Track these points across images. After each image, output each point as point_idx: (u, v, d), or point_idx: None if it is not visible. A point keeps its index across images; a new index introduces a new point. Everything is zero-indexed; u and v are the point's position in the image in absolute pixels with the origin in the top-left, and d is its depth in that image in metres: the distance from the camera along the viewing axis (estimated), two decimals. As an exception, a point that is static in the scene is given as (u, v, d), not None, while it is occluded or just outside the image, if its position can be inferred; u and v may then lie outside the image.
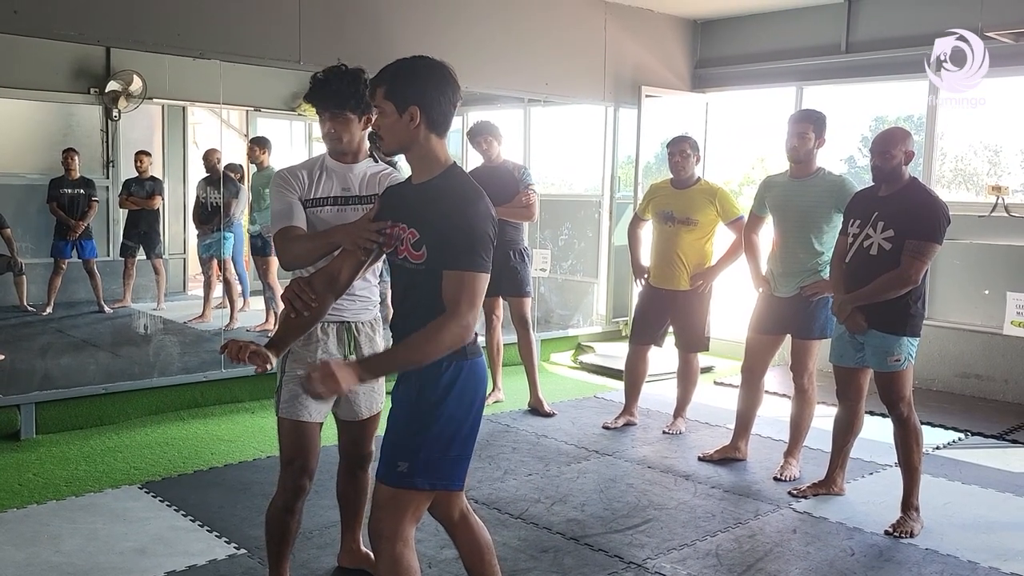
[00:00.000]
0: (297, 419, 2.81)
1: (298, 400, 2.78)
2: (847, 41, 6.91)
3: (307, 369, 2.23)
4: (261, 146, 7.12)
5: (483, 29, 6.46)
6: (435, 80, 2.32)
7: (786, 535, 3.79)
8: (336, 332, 2.85)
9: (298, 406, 2.80)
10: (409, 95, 2.27)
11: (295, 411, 2.81)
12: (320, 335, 2.81)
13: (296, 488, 2.89)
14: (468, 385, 2.33)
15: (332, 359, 2.62)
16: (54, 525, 3.68)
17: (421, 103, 2.27)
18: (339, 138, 2.88)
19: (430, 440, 2.30)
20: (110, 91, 7.09)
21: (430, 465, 2.31)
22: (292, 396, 2.79)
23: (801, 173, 4.37)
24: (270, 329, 7.01)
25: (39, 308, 6.96)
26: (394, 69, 2.31)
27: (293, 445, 2.85)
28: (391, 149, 2.37)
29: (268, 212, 7.08)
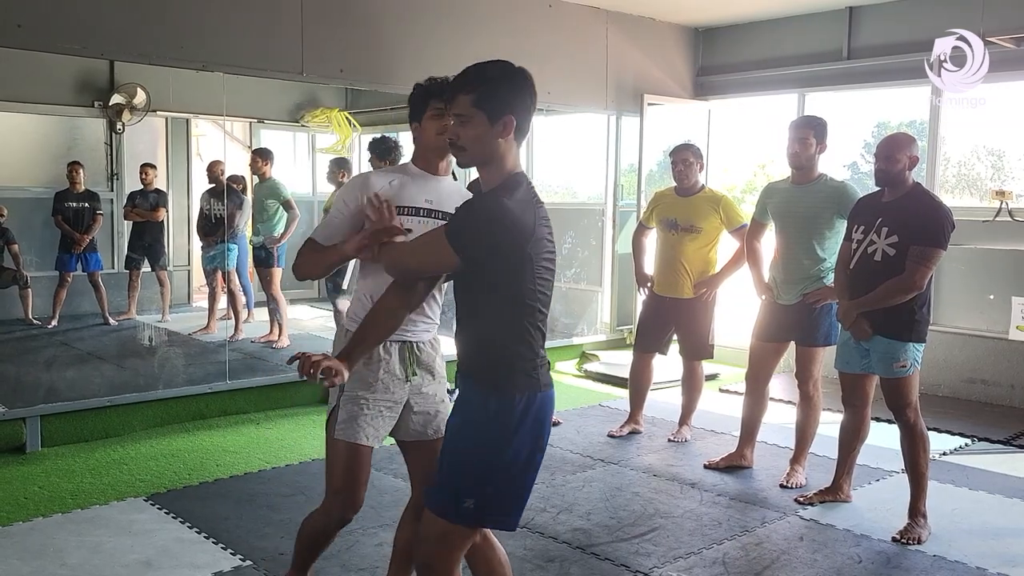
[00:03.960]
0: (355, 442, 2.61)
1: (357, 421, 2.60)
2: (848, 47, 6.92)
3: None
4: (263, 157, 7.15)
5: (485, 39, 6.48)
6: (526, 87, 2.19)
7: (793, 543, 3.77)
8: (399, 351, 2.65)
9: (356, 428, 2.61)
10: (504, 103, 2.13)
11: (353, 433, 2.61)
12: (383, 354, 2.62)
13: (341, 520, 2.76)
14: (540, 417, 2.22)
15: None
16: (60, 538, 3.68)
17: (516, 112, 2.14)
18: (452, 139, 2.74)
19: (499, 474, 2.19)
20: (114, 104, 7.12)
21: (496, 501, 2.20)
22: (351, 417, 2.60)
23: (803, 179, 4.37)
24: (274, 340, 7.02)
25: (44, 321, 6.98)
26: (483, 75, 2.15)
27: (346, 472, 2.65)
28: (472, 162, 2.21)
29: (271, 223, 7.13)
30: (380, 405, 2.63)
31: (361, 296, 2.66)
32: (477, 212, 2.14)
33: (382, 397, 2.63)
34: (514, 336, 2.19)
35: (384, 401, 2.63)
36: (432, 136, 2.62)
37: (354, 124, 8.31)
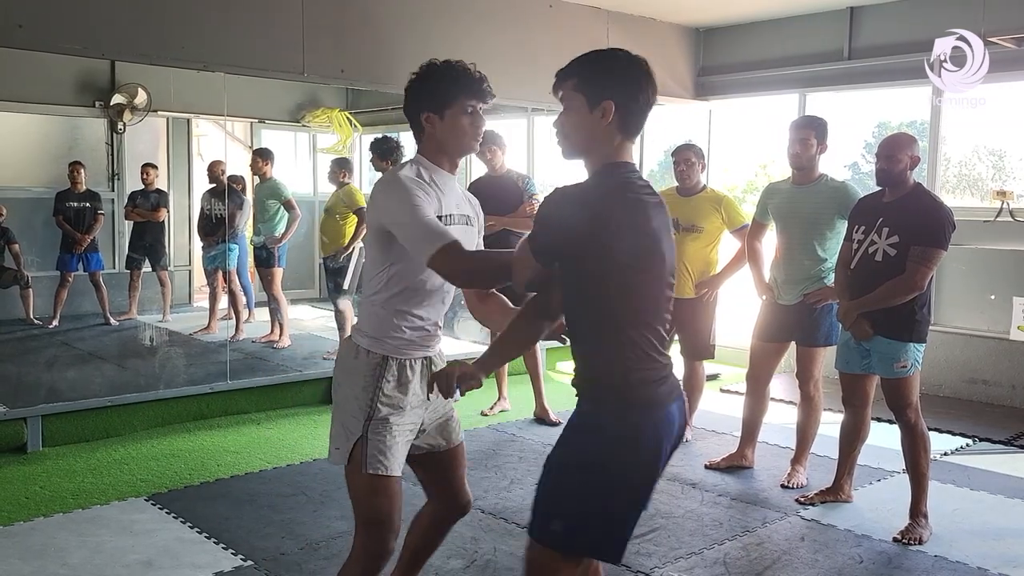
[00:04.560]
0: (388, 475, 2.37)
1: (390, 451, 2.36)
2: (849, 47, 6.91)
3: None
4: (264, 157, 7.15)
5: (485, 40, 6.48)
6: (632, 73, 2.06)
7: (794, 543, 3.77)
8: (421, 369, 2.46)
9: (390, 459, 2.36)
10: (603, 87, 2.02)
11: (387, 465, 2.36)
12: (409, 374, 2.42)
13: (384, 552, 2.44)
14: (636, 436, 2.03)
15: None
16: (61, 538, 3.68)
17: (617, 97, 2.03)
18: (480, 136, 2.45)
19: (591, 496, 2.04)
20: (115, 104, 7.12)
21: (588, 526, 2.05)
22: (383, 447, 2.35)
23: (804, 180, 4.37)
24: (275, 340, 7.02)
25: (45, 321, 6.98)
26: (586, 59, 2.06)
27: (382, 505, 2.39)
28: (574, 151, 2.09)
29: (271, 223, 7.13)
30: (406, 429, 2.42)
31: (379, 311, 2.41)
32: (544, 205, 2.03)
33: (409, 420, 2.43)
34: (611, 346, 2.02)
35: (410, 424, 2.44)
36: (462, 132, 2.38)
37: (355, 124, 8.30)
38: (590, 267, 1.99)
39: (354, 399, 2.38)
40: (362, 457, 2.35)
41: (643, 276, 2.02)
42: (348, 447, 2.37)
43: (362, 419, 2.36)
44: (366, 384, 2.37)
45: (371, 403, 2.36)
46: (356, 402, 2.38)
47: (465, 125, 2.38)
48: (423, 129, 2.40)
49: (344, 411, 2.41)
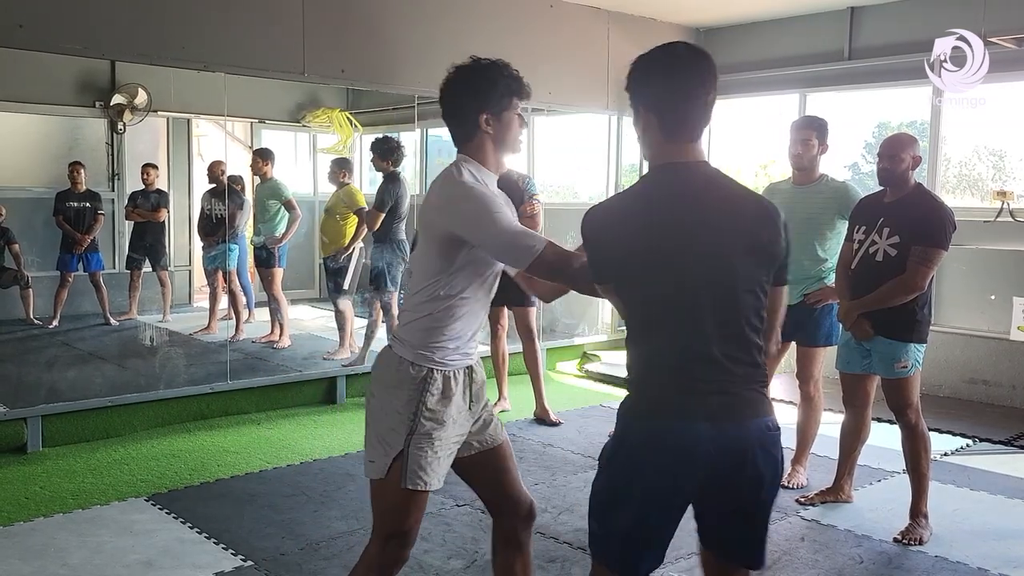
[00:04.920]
0: (425, 490, 2.31)
1: (431, 467, 2.29)
2: (850, 48, 6.91)
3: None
4: (264, 158, 7.15)
5: (486, 39, 6.47)
6: (655, 72, 1.97)
7: (794, 543, 3.77)
8: (464, 378, 2.37)
9: (430, 474, 2.30)
10: (634, 94, 2.01)
11: (426, 480, 2.30)
12: (453, 385, 2.34)
13: (400, 561, 2.42)
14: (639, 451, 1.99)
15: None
16: (61, 538, 3.68)
17: (647, 102, 1.99)
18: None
19: (594, 505, 2.09)
20: (115, 104, 7.12)
21: (597, 535, 2.08)
22: (425, 463, 2.28)
23: (805, 180, 4.37)
24: (276, 340, 7.02)
25: (45, 321, 6.98)
26: (631, 66, 2.02)
27: (409, 520, 2.35)
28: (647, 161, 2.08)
29: (272, 224, 7.12)
30: (451, 443, 2.35)
31: (427, 321, 2.31)
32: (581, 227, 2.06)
33: (454, 433, 2.35)
34: (636, 353, 2.02)
35: (455, 437, 2.36)
36: (515, 133, 2.37)
37: (355, 124, 8.30)
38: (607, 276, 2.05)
39: (395, 412, 2.30)
40: (402, 472, 2.28)
41: (648, 285, 1.97)
42: (387, 461, 2.30)
43: (404, 433, 2.28)
44: (409, 398, 2.29)
45: (414, 417, 2.28)
46: (397, 416, 2.30)
47: (516, 126, 2.38)
48: (477, 129, 2.32)
49: (382, 423, 2.33)
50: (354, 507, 4.07)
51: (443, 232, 2.27)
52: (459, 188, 2.27)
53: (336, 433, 5.32)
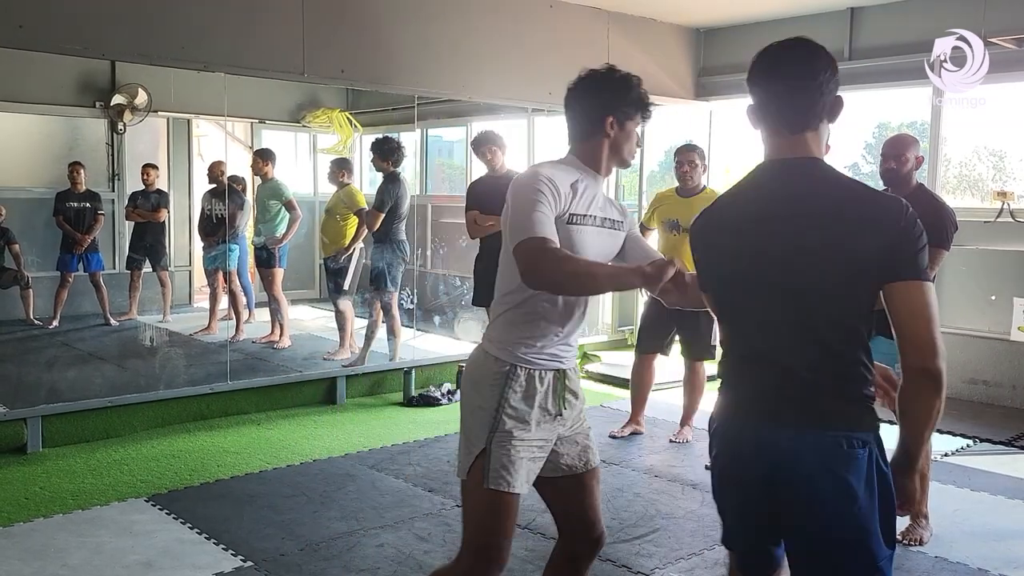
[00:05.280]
0: (509, 491, 2.21)
1: (514, 466, 2.20)
2: (850, 48, 6.91)
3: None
4: (265, 158, 7.14)
5: (486, 40, 6.48)
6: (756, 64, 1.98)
7: (794, 544, 3.76)
8: (552, 381, 2.28)
9: (513, 475, 2.21)
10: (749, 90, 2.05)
11: (509, 481, 2.20)
12: (538, 385, 2.25)
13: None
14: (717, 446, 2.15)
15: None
16: (61, 539, 3.68)
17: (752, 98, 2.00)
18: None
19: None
20: (115, 104, 7.12)
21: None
22: (507, 462, 2.20)
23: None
24: (276, 340, 7.02)
25: (45, 321, 6.98)
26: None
27: (497, 525, 2.24)
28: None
29: (273, 224, 7.12)
30: (533, 445, 2.25)
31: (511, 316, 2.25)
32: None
33: (536, 436, 2.25)
34: (723, 351, 2.06)
35: (538, 440, 2.26)
36: (632, 143, 2.36)
37: (355, 125, 8.31)
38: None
39: (479, 409, 2.24)
40: (484, 471, 2.20)
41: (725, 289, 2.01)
42: (469, 460, 2.24)
43: (486, 431, 2.22)
44: (491, 394, 2.23)
45: (496, 414, 2.21)
46: (481, 412, 2.24)
47: (634, 140, 2.37)
48: (598, 131, 2.30)
49: (467, 422, 2.28)
50: (354, 508, 4.07)
51: (505, 220, 2.24)
52: (523, 176, 2.25)
53: (336, 433, 5.31)
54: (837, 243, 1.78)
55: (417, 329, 7.04)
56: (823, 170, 1.88)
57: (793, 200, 1.85)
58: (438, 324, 7.68)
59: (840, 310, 1.82)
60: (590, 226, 2.27)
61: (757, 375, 1.91)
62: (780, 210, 1.86)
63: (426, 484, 4.42)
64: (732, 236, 1.92)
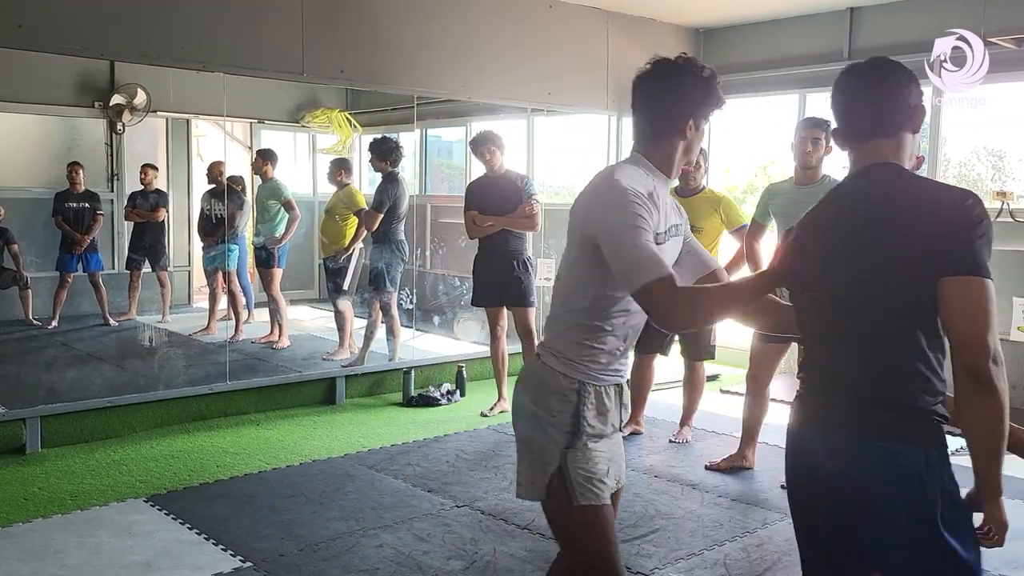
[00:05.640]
0: (600, 504, 2.15)
1: (597, 479, 2.14)
2: (849, 48, 6.90)
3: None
4: (266, 158, 7.14)
5: (485, 40, 6.48)
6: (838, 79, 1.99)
7: (794, 544, 3.74)
8: (615, 395, 2.22)
9: (602, 487, 2.15)
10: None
11: (598, 494, 2.14)
12: (607, 401, 2.19)
13: None
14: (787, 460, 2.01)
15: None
16: (59, 539, 3.67)
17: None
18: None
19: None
20: (114, 104, 7.12)
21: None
22: (589, 475, 2.13)
23: (808, 180, 4.37)
24: (275, 341, 7.02)
25: (45, 322, 6.97)
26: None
27: (600, 540, 2.16)
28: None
29: (273, 224, 7.12)
30: (607, 457, 2.20)
31: (577, 332, 2.16)
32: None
33: (606, 449, 2.20)
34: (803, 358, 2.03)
35: (609, 452, 2.21)
36: (698, 145, 2.24)
37: (355, 125, 8.30)
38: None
39: (550, 426, 2.14)
40: (568, 489, 2.12)
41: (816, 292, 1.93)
42: (545, 480, 2.15)
43: (559, 447, 2.13)
44: (562, 409, 2.14)
45: (571, 430, 2.13)
46: (552, 429, 2.14)
47: (700, 139, 2.24)
48: (674, 132, 2.15)
49: (534, 441, 2.19)
50: (353, 508, 4.07)
51: (586, 233, 2.10)
52: (605, 187, 2.09)
53: (335, 434, 5.31)
54: (901, 249, 1.76)
55: (416, 329, 7.04)
56: (897, 174, 1.89)
57: (872, 207, 1.85)
58: (437, 324, 7.68)
59: (898, 318, 1.79)
60: (669, 240, 2.16)
61: (829, 383, 1.88)
62: (851, 215, 1.87)
63: (425, 484, 4.42)
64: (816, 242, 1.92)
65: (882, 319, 1.79)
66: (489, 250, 5.67)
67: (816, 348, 1.94)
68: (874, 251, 1.79)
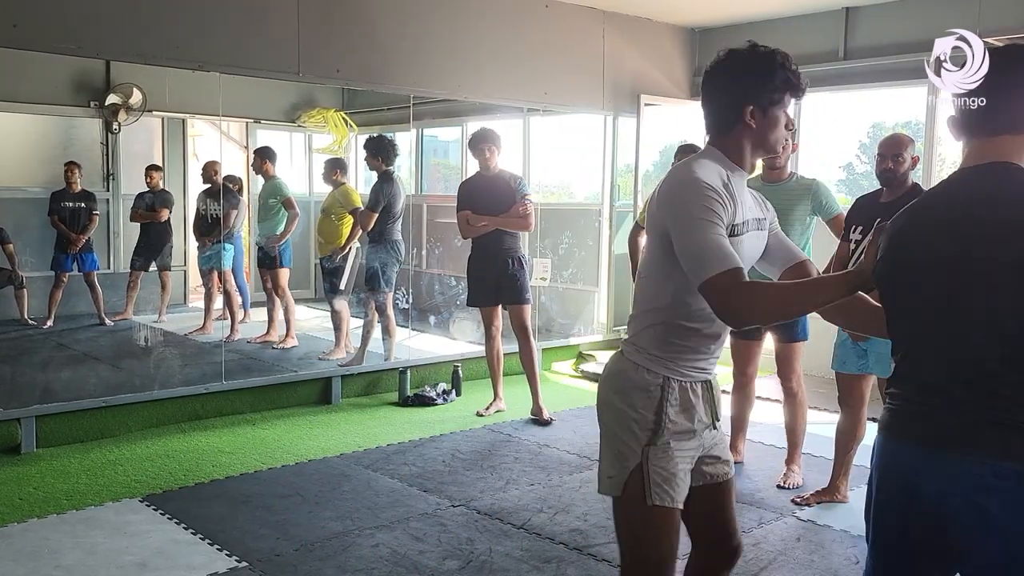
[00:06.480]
0: (673, 507, 2.12)
1: (676, 480, 2.11)
2: (845, 48, 6.92)
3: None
4: (265, 157, 7.12)
5: (481, 40, 6.48)
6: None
7: (790, 543, 3.77)
8: (702, 391, 2.19)
9: (677, 489, 2.12)
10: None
11: (673, 496, 2.11)
12: (692, 397, 2.15)
13: None
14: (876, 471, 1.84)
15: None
16: (55, 539, 3.67)
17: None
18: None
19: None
20: (110, 104, 7.10)
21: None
22: (668, 476, 2.10)
23: (776, 177, 4.39)
24: (273, 340, 7.02)
25: (40, 321, 6.96)
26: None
27: (663, 542, 2.14)
28: None
29: (273, 223, 7.10)
30: (688, 457, 2.16)
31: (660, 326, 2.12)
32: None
33: (691, 446, 2.16)
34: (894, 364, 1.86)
35: (690, 453, 2.17)
36: (780, 131, 2.14)
37: (351, 124, 8.30)
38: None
39: (632, 421, 2.12)
40: (645, 487, 2.09)
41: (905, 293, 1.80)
42: (623, 476, 2.12)
43: (641, 444, 2.11)
44: (645, 405, 2.12)
45: (653, 427, 2.11)
46: (635, 425, 2.12)
47: (783, 125, 2.14)
48: (738, 122, 2.11)
49: (616, 436, 2.16)
50: (349, 508, 4.07)
51: (660, 230, 2.07)
52: (679, 180, 2.06)
53: (331, 433, 5.31)
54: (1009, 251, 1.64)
55: (412, 329, 7.04)
56: (1012, 173, 1.73)
57: (974, 204, 1.71)
58: (433, 324, 7.68)
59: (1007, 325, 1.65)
60: (748, 232, 2.13)
61: (927, 390, 1.74)
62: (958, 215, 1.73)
63: (421, 484, 4.42)
64: (914, 253, 1.77)
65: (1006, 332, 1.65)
66: (483, 249, 5.67)
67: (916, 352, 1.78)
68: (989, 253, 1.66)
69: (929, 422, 1.71)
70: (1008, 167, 1.72)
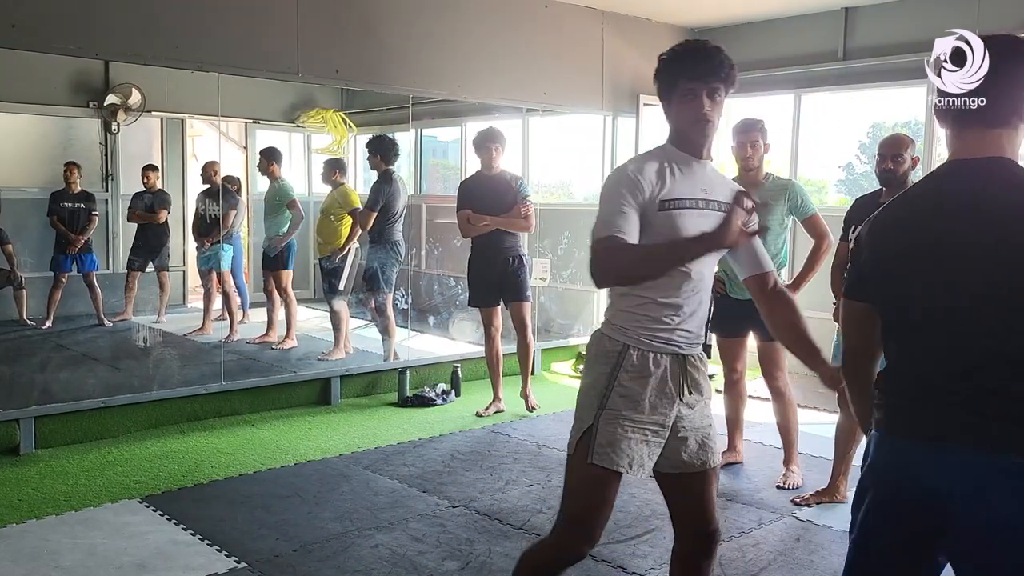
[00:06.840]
0: (612, 469, 2.23)
1: (619, 445, 2.22)
2: (844, 48, 6.92)
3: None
4: (271, 158, 7.09)
5: (481, 40, 6.47)
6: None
7: (789, 544, 3.77)
8: (670, 364, 2.27)
9: (619, 453, 2.22)
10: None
11: (614, 459, 2.23)
12: (652, 367, 2.25)
13: (575, 556, 2.36)
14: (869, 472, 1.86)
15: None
16: (53, 540, 3.66)
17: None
18: (714, 123, 2.28)
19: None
20: (109, 104, 7.11)
21: None
22: (613, 440, 2.22)
23: (752, 179, 4.38)
24: (272, 341, 7.01)
25: (39, 322, 6.96)
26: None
27: (592, 500, 2.29)
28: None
29: (278, 225, 7.09)
30: (646, 428, 2.25)
31: (623, 299, 2.30)
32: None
33: (648, 419, 2.25)
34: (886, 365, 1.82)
35: (650, 424, 2.26)
36: (684, 118, 2.27)
37: (350, 124, 8.30)
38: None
39: (591, 387, 2.29)
40: (589, 447, 2.24)
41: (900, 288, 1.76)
42: (577, 436, 2.29)
43: (594, 408, 2.26)
44: (601, 372, 2.27)
45: (605, 392, 2.25)
46: (593, 390, 2.28)
47: (687, 110, 2.25)
48: (668, 116, 2.35)
49: (580, 400, 2.33)
50: (348, 508, 4.06)
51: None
52: (612, 172, 2.35)
53: (330, 434, 5.31)
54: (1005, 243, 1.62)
55: (412, 329, 7.03)
56: (1007, 167, 1.70)
57: (968, 200, 1.69)
58: (433, 324, 7.67)
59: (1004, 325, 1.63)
60: (686, 209, 2.23)
61: (910, 387, 1.73)
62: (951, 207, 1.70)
63: (421, 485, 4.41)
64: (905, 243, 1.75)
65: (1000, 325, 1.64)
66: (484, 250, 5.67)
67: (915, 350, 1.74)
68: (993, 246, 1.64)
69: (928, 416, 1.68)
70: (1002, 162, 1.71)
